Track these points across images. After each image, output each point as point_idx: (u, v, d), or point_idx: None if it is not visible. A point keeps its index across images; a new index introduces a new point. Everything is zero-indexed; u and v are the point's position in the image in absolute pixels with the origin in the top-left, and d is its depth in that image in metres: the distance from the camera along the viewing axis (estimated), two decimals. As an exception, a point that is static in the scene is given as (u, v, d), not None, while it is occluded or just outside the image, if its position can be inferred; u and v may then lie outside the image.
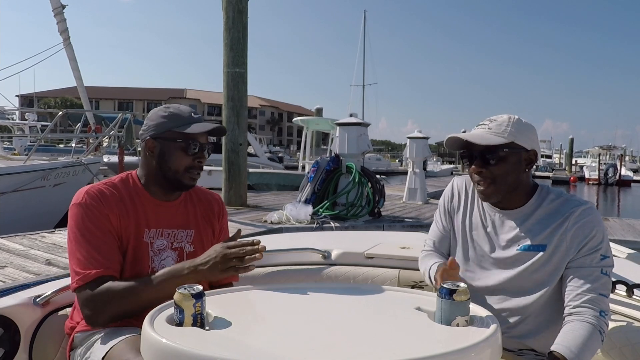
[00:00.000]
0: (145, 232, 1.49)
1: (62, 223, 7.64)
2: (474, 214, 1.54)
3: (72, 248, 1.40)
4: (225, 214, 1.74)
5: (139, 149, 13.30)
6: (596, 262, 1.33)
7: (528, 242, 1.40)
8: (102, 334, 1.38)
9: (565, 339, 1.23)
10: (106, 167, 12.73)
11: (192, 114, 1.53)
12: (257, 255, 1.36)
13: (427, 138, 10.04)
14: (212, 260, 1.37)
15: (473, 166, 1.41)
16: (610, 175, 32.83)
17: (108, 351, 1.30)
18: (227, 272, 1.37)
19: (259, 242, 1.39)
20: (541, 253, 1.38)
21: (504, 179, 1.39)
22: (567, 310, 1.32)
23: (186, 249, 1.57)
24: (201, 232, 1.62)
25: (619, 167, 33.84)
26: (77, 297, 1.39)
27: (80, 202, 1.43)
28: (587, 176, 34.87)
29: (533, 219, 1.42)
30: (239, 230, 1.52)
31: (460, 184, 1.61)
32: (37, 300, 1.54)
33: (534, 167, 1.48)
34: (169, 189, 1.55)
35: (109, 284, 1.36)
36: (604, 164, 35.39)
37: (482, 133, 1.39)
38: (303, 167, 15.85)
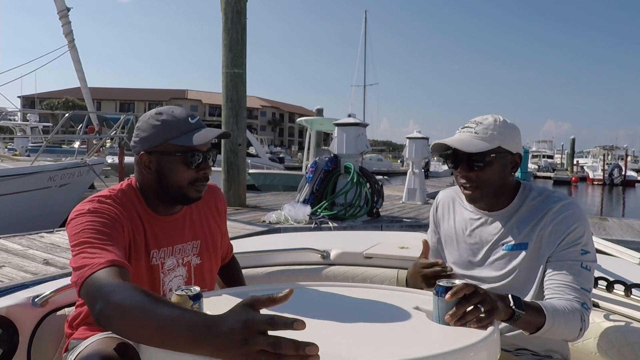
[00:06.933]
0: (154, 253, 1.35)
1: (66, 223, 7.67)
2: (460, 219, 1.54)
3: (76, 253, 1.15)
4: (225, 207, 1.61)
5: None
6: (576, 256, 1.33)
7: (512, 242, 1.41)
8: (93, 341, 1.28)
9: (542, 303, 1.25)
10: (109, 168, 12.75)
11: (190, 119, 1.33)
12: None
13: (426, 138, 10.01)
14: (232, 336, 0.85)
15: (459, 170, 1.40)
16: (615, 175, 32.63)
17: (83, 349, 1.26)
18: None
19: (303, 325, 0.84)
20: (524, 251, 1.39)
21: (490, 183, 1.39)
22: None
23: (193, 262, 1.44)
24: (208, 239, 1.49)
25: (623, 168, 33.71)
26: (85, 290, 1.06)
27: (90, 209, 1.24)
28: (590, 176, 34.75)
29: (515, 218, 1.42)
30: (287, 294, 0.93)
31: (445, 194, 1.62)
32: (36, 300, 1.54)
33: (537, 167, 1.47)
34: (172, 204, 1.40)
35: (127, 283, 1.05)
36: (608, 164, 35.26)
37: (467, 138, 1.38)
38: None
